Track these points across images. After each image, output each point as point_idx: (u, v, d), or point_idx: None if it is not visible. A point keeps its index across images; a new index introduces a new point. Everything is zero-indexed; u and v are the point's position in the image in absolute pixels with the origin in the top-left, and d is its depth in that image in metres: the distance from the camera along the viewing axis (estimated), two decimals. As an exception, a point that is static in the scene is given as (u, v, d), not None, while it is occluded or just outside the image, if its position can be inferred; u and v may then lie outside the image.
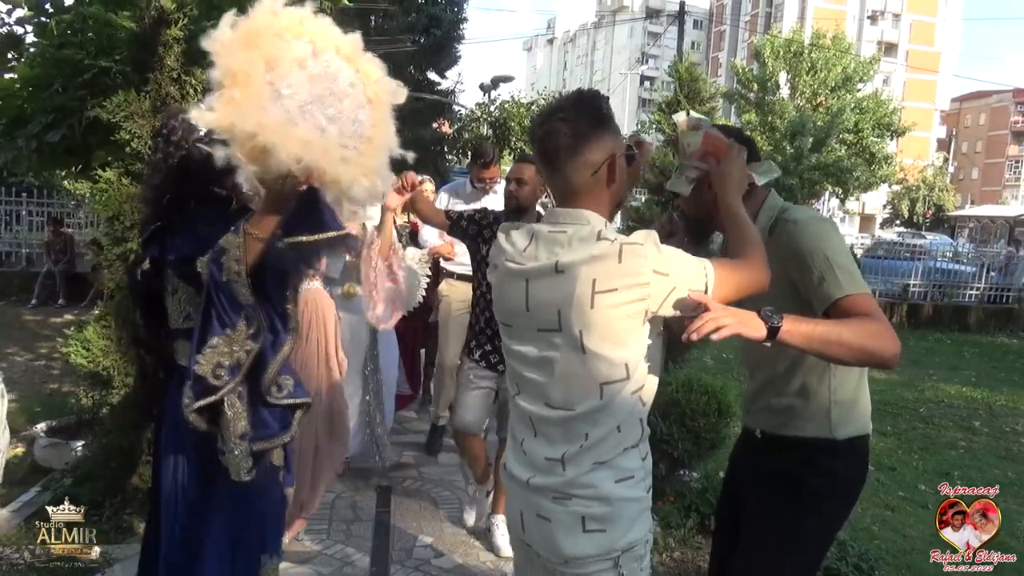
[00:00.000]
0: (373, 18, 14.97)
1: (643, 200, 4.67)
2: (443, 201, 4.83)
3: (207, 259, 1.79)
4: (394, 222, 3.60)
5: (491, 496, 3.72)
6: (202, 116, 1.63)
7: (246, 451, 1.84)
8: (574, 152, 1.60)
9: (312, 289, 3.51)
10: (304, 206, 1.75)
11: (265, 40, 1.64)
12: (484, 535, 3.71)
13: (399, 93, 1.89)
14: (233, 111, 1.58)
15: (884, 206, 52.63)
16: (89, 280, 10.37)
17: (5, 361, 7.09)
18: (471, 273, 3.80)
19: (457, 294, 4.75)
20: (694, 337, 1.51)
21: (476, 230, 3.45)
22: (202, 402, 1.81)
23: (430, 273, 4.55)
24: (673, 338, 1.72)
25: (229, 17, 1.67)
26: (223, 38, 1.63)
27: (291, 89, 1.67)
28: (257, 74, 1.60)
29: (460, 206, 4.46)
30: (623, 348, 1.58)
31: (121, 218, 3.45)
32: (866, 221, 52.08)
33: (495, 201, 4.39)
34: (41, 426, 4.44)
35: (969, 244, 21.12)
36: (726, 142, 1.86)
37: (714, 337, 1.51)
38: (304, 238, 1.75)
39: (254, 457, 1.87)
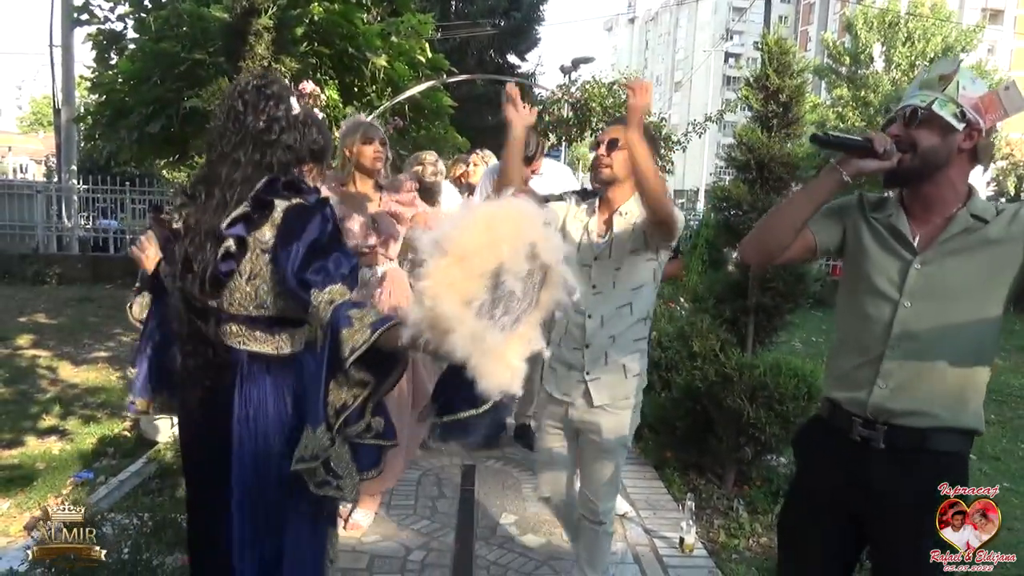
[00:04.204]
0: (454, 2, 15.08)
1: (728, 181, 4.51)
2: (487, 185, 4.72)
3: (335, 308, 1.73)
4: None
5: None
6: (416, 281, 1.56)
7: (356, 477, 1.89)
8: None
9: (392, 269, 3.62)
10: (457, 378, 1.61)
11: (495, 244, 1.54)
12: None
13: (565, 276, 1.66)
14: (443, 288, 1.51)
15: (988, 183, 49.56)
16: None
17: (113, 340, 7.52)
18: None
19: None
20: None
21: None
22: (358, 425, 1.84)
23: None
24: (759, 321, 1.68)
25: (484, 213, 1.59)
26: (470, 218, 1.56)
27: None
28: (481, 268, 1.53)
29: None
30: None
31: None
32: (968, 199, 49.24)
33: (538, 184, 4.28)
34: (145, 401, 4.67)
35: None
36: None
37: None
38: (462, 414, 1.70)
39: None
